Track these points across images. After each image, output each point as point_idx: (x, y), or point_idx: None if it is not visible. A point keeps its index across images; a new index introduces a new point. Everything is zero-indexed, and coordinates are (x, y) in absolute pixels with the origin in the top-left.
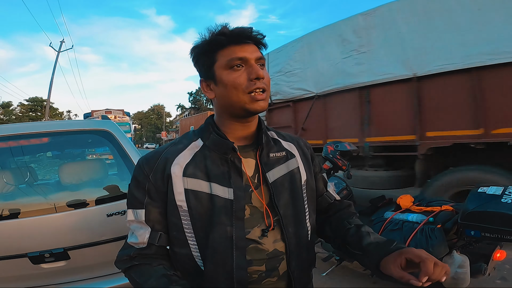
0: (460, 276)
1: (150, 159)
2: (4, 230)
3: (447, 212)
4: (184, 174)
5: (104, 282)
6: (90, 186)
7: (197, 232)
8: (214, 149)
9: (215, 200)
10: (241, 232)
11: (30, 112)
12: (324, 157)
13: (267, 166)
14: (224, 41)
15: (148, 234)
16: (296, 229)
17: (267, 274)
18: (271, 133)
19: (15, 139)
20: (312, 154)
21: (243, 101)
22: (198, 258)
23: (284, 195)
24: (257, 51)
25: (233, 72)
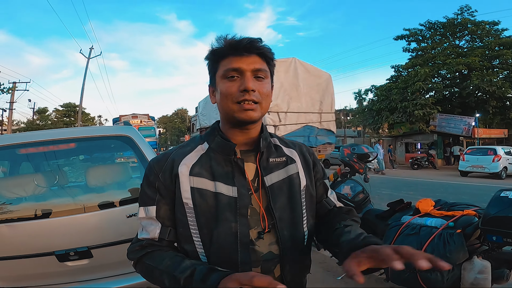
0: (479, 282)
1: (160, 160)
2: (35, 229)
3: (469, 216)
4: (191, 173)
5: (123, 280)
6: (113, 188)
7: (201, 229)
8: (219, 150)
9: (219, 198)
10: (245, 229)
11: (64, 117)
12: (340, 160)
13: (265, 170)
14: (225, 51)
15: (158, 230)
16: (292, 233)
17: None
18: (273, 140)
19: (44, 145)
20: (314, 160)
21: (232, 109)
22: (202, 254)
23: (281, 199)
24: (256, 62)
25: (228, 82)
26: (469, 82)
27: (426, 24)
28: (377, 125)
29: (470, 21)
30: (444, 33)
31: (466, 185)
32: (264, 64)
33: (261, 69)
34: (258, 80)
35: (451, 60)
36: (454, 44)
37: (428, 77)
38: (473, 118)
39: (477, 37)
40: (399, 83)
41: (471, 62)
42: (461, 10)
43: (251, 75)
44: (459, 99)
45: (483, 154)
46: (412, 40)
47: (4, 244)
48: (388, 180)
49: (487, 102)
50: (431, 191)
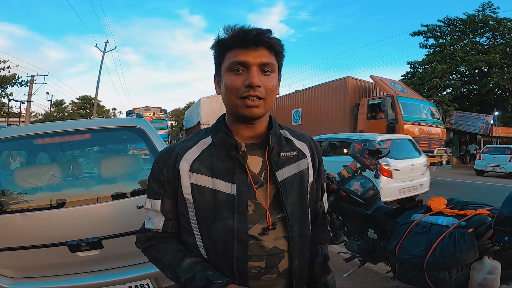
0: (488, 283)
1: (165, 154)
2: (49, 219)
3: (483, 216)
4: (191, 170)
5: (133, 271)
6: (125, 180)
7: (200, 223)
8: (220, 146)
9: (217, 195)
10: (243, 226)
11: (80, 110)
12: (351, 155)
13: (277, 165)
14: (231, 43)
15: (162, 222)
16: (301, 229)
17: (266, 270)
18: (284, 132)
19: (60, 135)
20: (320, 159)
21: (236, 104)
22: (201, 247)
23: (292, 194)
24: (264, 56)
25: (233, 75)
26: (489, 79)
27: (445, 20)
28: None
29: (492, 18)
30: (464, 29)
31: (481, 184)
32: (272, 57)
33: (268, 63)
34: (264, 74)
35: (470, 57)
36: (474, 41)
37: (445, 74)
38: (491, 116)
39: (498, 34)
40: (414, 79)
41: (492, 59)
42: (482, 7)
43: (257, 70)
44: (478, 97)
45: (500, 153)
46: (430, 36)
47: (18, 234)
48: None
49: (506, 100)
50: (445, 189)
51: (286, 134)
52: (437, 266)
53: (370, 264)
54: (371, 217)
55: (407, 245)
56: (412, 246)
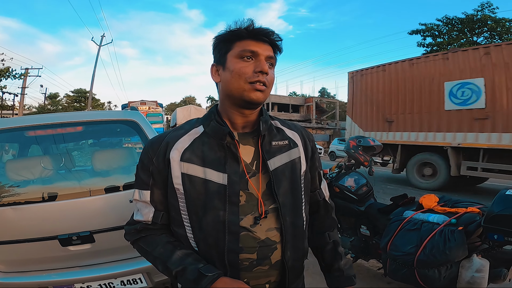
0: (476, 281)
1: (154, 143)
2: (40, 213)
3: (473, 214)
4: (182, 159)
5: (125, 265)
6: (118, 173)
7: (191, 214)
8: (212, 135)
9: (209, 185)
10: (235, 217)
11: (75, 103)
12: (345, 151)
13: (268, 154)
14: (244, 34)
15: (152, 214)
16: (293, 219)
17: (258, 262)
18: (275, 122)
19: (52, 127)
20: (313, 147)
21: (243, 88)
22: (192, 239)
23: (284, 183)
24: (270, 50)
25: (242, 61)
26: None
27: (444, 19)
28: None
29: (490, 17)
30: (462, 29)
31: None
32: (273, 54)
33: (273, 57)
34: (269, 67)
35: None
36: (471, 40)
37: None
38: None
39: (496, 34)
40: None
41: None
42: (481, 6)
43: (265, 60)
44: None
45: None
46: (428, 35)
47: (9, 228)
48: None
49: None
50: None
51: (277, 124)
52: (427, 263)
53: (362, 261)
54: (364, 214)
55: (398, 242)
56: (403, 243)
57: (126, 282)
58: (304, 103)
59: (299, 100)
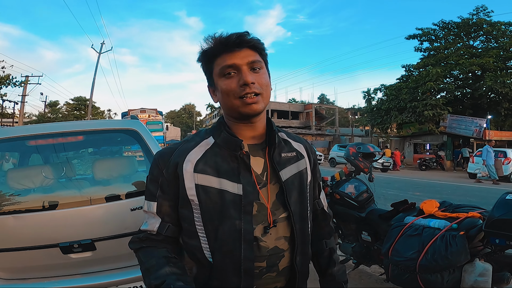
0: (479, 285)
1: (164, 155)
2: (41, 221)
3: (474, 218)
4: (195, 170)
5: (125, 273)
6: (119, 182)
7: (207, 225)
8: (224, 146)
9: (224, 195)
10: (249, 226)
11: (75, 111)
12: (345, 158)
13: (279, 165)
14: (216, 50)
15: (158, 224)
16: (302, 226)
17: (267, 269)
18: (281, 134)
19: (53, 137)
20: (315, 159)
21: (236, 105)
22: (206, 250)
23: (294, 193)
24: (249, 55)
25: (226, 79)
26: (482, 83)
27: (440, 24)
28: (385, 125)
29: (486, 21)
30: (458, 33)
31: (474, 187)
32: (257, 55)
33: (256, 61)
34: (255, 72)
35: (464, 61)
36: (468, 44)
37: (439, 77)
38: (484, 119)
39: (492, 37)
40: (409, 83)
41: (485, 63)
42: (476, 10)
43: (248, 68)
44: (471, 100)
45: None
46: (425, 40)
47: (10, 236)
48: (394, 181)
49: (499, 103)
50: (438, 192)
51: (283, 136)
52: (429, 268)
53: (364, 267)
54: (365, 220)
55: (400, 248)
56: (404, 249)
57: None
58: (304, 109)
59: (298, 106)
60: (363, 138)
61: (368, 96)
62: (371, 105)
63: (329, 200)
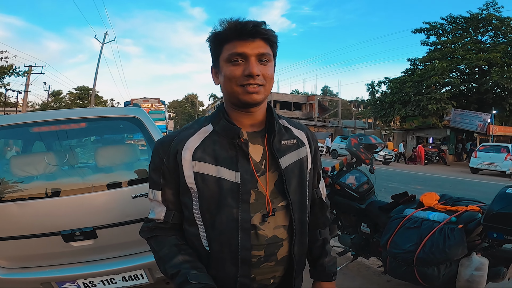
0: (475, 279)
1: (164, 143)
2: (44, 208)
3: (473, 212)
4: (193, 158)
5: (126, 261)
6: (121, 169)
7: (204, 213)
8: (223, 134)
9: (222, 183)
10: (247, 215)
11: (78, 100)
12: (347, 149)
13: (279, 153)
14: (228, 35)
15: (164, 213)
16: (301, 215)
17: (266, 258)
18: (282, 121)
19: (56, 124)
20: (315, 147)
21: (237, 92)
22: (204, 238)
23: (293, 181)
24: (261, 47)
25: (232, 66)
26: (488, 78)
27: (448, 18)
28: (388, 118)
29: (495, 16)
30: (466, 27)
31: (476, 182)
32: (268, 48)
33: (265, 54)
34: (262, 64)
35: (471, 55)
36: (476, 39)
37: (445, 71)
38: (489, 114)
39: (501, 33)
40: (414, 76)
41: (492, 58)
42: (486, 5)
43: (256, 60)
44: (476, 95)
45: (496, 152)
46: (432, 34)
47: (13, 223)
48: (396, 174)
49: (505, 99)
50: (440, 186)
51: (284, 123)
52: (426, 261)
53: (362, 259)
54: (364, 211)
55: (398, 240)
56: (403, 241)
57: (127, 278)
58: (307, 101)
59: (301, 98)
60: (366, 131)
61: (372, 88)
62: (374, 98)
63: (329, 190)
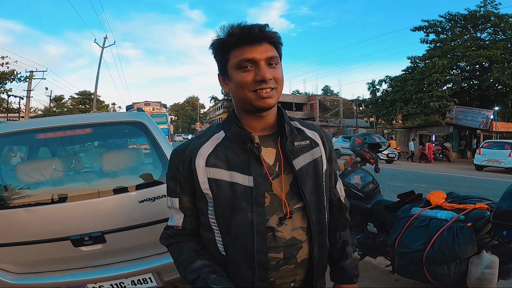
0: (486, 277)
1: (179, 152)
2: (52, 214)
3: (481, 210)
4: (207, 164)
5: (135, 265)
6: (127, 174)
7: (219, 218)
8: (235, 139)
9: (235, 187)
10: (261, 218)
11: (79, 105)
12: (351, 149)
13: (292, 154)
14: (235, 42)
15: (182, 220)
16: (319, 216)
17: (285, 261)
18: (294, 123)
19: (62, 130)
20: (330, 148)
21: (250, 97)
22: (220, 243)
23: (309, 182)
24: (268, 50)
25: (242, 72)
26: (489, 74)
27: (446, 15)
28: (390, 116)
29: (494, 13)
30: (465, 25)
31: (481, 179)
32: (274, 50)
33: (274, 57)
34: (271, 67)
35: (471, 53)
36: (475, 36)
37: (446, 69)
38: (491, 111)
39: (499, 30)
40: (415, 74)
41: (493, 55)
42: (484, 2)
43: (265, 64)
44: (478, 92)
45: (499, 148)
46: (431, 32)
47: (22, 229)
48: (400, 172)
49: (506, 95)
50: (445, 184)
51: (297, 125)
52: (435, 260)
53: (369, 258)
54: (370, 211)
55: (406, 239)
56: (411, 240)
57: (136, 281)
58: (308, 101)
59: (302, 98)
60: (368, 130)
61: (373, 87)
62: (376, 97)
63: None
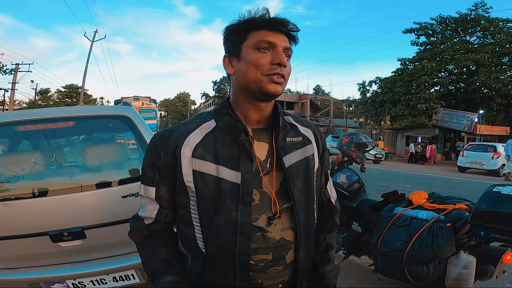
0: (463, 277)
1: (163, 137)
2: (31, 208)
3: (461, 210)
4: (193, 155)
5: (115, 261)
6: (110, 168)
7: (202, 214)
8: (226, 130)
9: (221, 183)
10: (247, 218)
11: (66, 99)
12: (338, 148)
13: (283, 151)
14: (260, 24)
15: (156, 211)
16: (307, 218)
17: (274, 263)
18: (288, 118)
19: (43, 122)
20: (324, 146)
21: (260, 80)
22: (200, 240)
23: (298, 181)
24: (287, 41)
25: (259, 52)
26: (476, 78)
27: (438, 18)
28: (379, 117)
29: (484, 17)
30: (455, 28)
31: (463, 180)
32: (289, 46)
33: (289, 49)
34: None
35: (459, 56)
36: (464, 39)
37: (434, 71)
38: (476, 114)
39: (489, 33)
40: (404, 76)
41: (480, 58)
42: (475, 6)
43: (282, 52)
44: (464, 95)
45: (483, 151)
46: (422, 34)
47: (0, 224)
48: (386, 173)
49: (492, 99)
50: (429, 185)
51: (290, 120)
52: (415, 259)
53: (353, 257)
54: (355, 210)
55: (388, 238)
56: (393, 239)
57: (118, 278)
58: (299, 100)
59: (293, 97)
60: (357, 130)
61: (363, 88)
62: (365, 97)
63: None
